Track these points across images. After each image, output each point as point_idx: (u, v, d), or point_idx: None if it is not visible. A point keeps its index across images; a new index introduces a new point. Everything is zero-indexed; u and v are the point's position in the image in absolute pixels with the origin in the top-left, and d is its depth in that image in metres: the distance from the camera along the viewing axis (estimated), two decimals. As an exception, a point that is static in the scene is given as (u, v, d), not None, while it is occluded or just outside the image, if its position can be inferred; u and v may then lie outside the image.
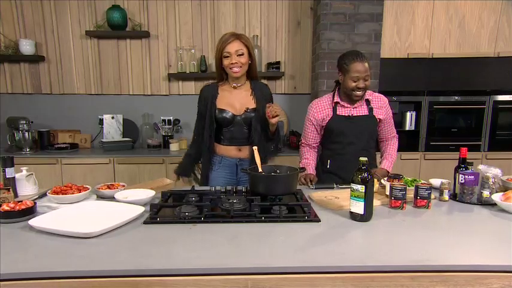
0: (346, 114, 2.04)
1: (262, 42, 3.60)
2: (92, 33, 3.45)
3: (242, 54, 1.91)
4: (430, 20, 3.28)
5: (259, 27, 3.58)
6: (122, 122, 3.66)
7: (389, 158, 2.15)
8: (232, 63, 1.90)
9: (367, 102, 2.06)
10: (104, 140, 3.49)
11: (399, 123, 3.42)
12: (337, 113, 2.05)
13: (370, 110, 2.05)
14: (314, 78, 3.45)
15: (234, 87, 2.02)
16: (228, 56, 1.90)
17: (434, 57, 3.31)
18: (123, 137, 3.63)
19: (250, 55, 1.96)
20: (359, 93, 1.97)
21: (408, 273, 1.06)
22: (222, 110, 1.99)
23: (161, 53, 3.59)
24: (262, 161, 2.03)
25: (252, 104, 2.01)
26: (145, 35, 3.49)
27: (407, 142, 3.41)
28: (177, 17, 3.53)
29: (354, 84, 1.93)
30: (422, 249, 1.16)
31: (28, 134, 3.30)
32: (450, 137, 3.41)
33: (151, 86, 3.65)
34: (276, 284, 1.05)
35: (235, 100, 2.02)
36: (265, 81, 3.66)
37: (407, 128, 3.41)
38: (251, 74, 2.04)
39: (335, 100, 2.06)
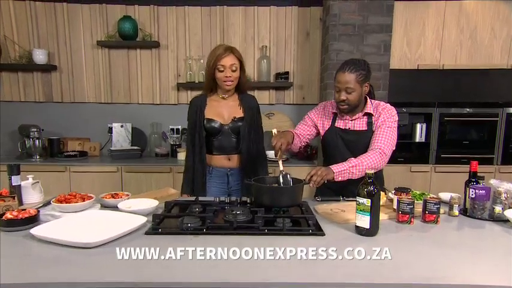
0: (343, 127, 1.94)
1: (271, 53, 3.61)
2: (103, 43, 3.51)
3: (236, 70, 1.97)
4: (440, 31, 3.25)
5: (268, 37, 3.59)
6: (130, 131, 3.69)
7: (348, 162, 1.72)
8: (226, 77, 1.96)
9: (369, 116, 1.90)
10: (112, 148, 3.51)
11: (409, 135, 3.36)
12: (336, 124, 1.96)
13: (369, 124, 1.90)
14: (323, 88, 3.43)
15: (223, 98, 2.07)
16: (222, 70, 1.95)
17: (445, 68, 3.26)
18: (131, 146, 3.66)
19: (241, 68, 2.02)
20: (341, 107, 1.86)
21: (414, 292, 1.02)
22: (210, 120, 2.04)
23: (171, 62, 3.63)
24: (253, 170, 2.06)
25: (239, 114, 2.07)
26: (155, 45, 3.54)
27: (417, 154, 3.35)
28: (186, 27, 3.57)
29: (336, 95, 1.85)
30: (429, 266, 1.12)
31: (38, 141, 3.34)
32: (462, 150, 3.32)
33: (161, 95, 3.68)
34: (276, 300, 1.02)
35: (224, 110, 2.07)
36: (273, 92, 3.68)
37: (417, 140, 3.34)
38: (240, 86, 2.08)
39: (333, 110, 1.98)
